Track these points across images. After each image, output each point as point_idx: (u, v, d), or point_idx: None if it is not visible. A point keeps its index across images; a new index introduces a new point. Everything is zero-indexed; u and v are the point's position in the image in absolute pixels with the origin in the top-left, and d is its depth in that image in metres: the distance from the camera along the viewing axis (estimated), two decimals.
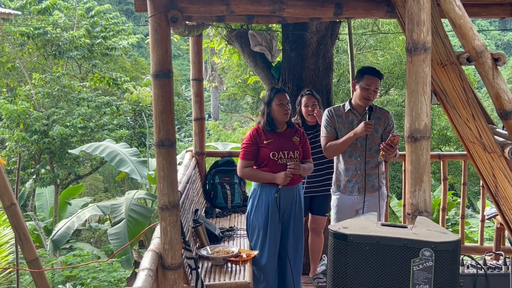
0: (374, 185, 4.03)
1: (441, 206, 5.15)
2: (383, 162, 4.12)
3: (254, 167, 3.97)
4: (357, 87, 3.97)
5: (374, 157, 4.00)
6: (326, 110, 4.16)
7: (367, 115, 3.91)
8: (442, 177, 5.15)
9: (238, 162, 3.99)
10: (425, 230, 2.08)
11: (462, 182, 5.10)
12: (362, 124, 3.85)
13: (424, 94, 2.44)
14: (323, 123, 4.13)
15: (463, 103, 2.91)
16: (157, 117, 2.83)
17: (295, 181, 3.97)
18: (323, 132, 4.09)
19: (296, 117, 4.55)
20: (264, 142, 3.91)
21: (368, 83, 3.91)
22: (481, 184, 4.94)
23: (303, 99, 4.54)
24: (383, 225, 2.14)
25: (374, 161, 4.01)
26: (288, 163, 3.86)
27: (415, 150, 2.47)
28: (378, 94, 4.25)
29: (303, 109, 4.52)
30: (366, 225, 2.12)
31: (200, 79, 5.06)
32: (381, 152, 3.82)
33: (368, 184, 4.02)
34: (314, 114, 4.46)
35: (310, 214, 4.68)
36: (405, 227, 2.12)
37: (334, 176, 4.19)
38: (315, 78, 5.03)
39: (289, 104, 3.96)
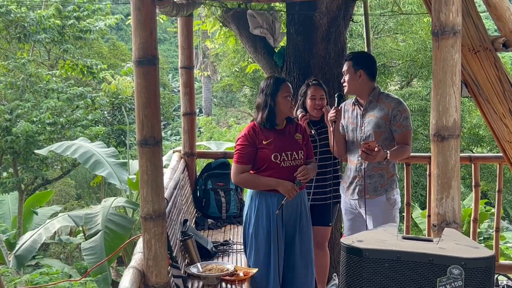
0: (377, 188, 4.10)
1: (471, 217, 5.14)
2: (394, 163, 4.19)
3: (251, 172, 3.96)
4: None
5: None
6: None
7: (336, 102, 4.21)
8: (473, 183, 5.13)
9: (232, 167, 3.98)
10: (453, 245, 2.08)
11: (496, 189, 5.10)
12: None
13: (453, 85, 2.45)
14: None
15: (499, 96, 2.94)
16: (140, 111, 2.82)
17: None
18: None
19: (299, 111, 4.50)
20: (264, 142, 3.89)
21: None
22: None
23: (310, 90, 4.51)
24: (404, 238, 2.15)
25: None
26: (297, 175, 3.84)
27: (442, 151, 2.47)
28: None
29: (308, 101, 4.50)
30: (384, 238, 2.14)
31: (190, 67, 5.04)
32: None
33: (370, 187, 4.09)
34: (323, 110, 4.43)
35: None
36: (431, 240, 2.14)
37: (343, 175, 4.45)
38: (325, 67, 5.02)
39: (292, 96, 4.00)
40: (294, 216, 3.99)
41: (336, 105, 4.16)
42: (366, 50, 5.76)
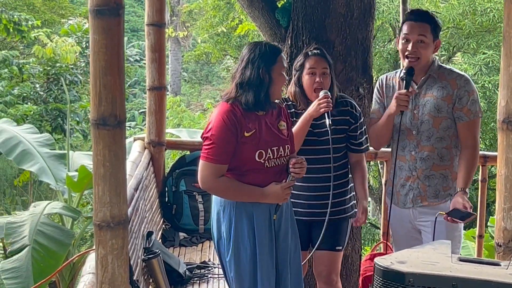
0: (439, 193, 4.14)
1: None
2: (457, 157, 4.19)
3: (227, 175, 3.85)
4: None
5: (436, 149, 4.12)
6: (379, 79, 4.42)
7: (404, 82, 4.13)
8: None
9: (202, 166, 3.77)
10: None
11: None
12: (394, 97, 4.12)
13: None
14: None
15: None
16: (96, 80, 2.83)
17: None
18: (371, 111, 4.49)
19: (292, 91, 4.44)
20: (246, 134, 3.79)
21: (406, 31, 4.13)
22: None
23: (308, 62, 4.36)
24: (461, 260, 2.18)
25: (438, 154, 4.11)
26: (291, 166, 3.84)
27: None
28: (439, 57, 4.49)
29: (305, 77, 4.36)
30: (434, 259, 2.15)
31: (160, 25, 5.14)
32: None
33: (429, 191, 4.14)
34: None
35: (310, 249, 4.48)
36: (497, 264, 2.18)
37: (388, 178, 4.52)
38: (345, 28, 4.97)
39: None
40: (285, 228, 3.97)
41: (405, 86, 4.11)
42: (401, 9, 5.75)
